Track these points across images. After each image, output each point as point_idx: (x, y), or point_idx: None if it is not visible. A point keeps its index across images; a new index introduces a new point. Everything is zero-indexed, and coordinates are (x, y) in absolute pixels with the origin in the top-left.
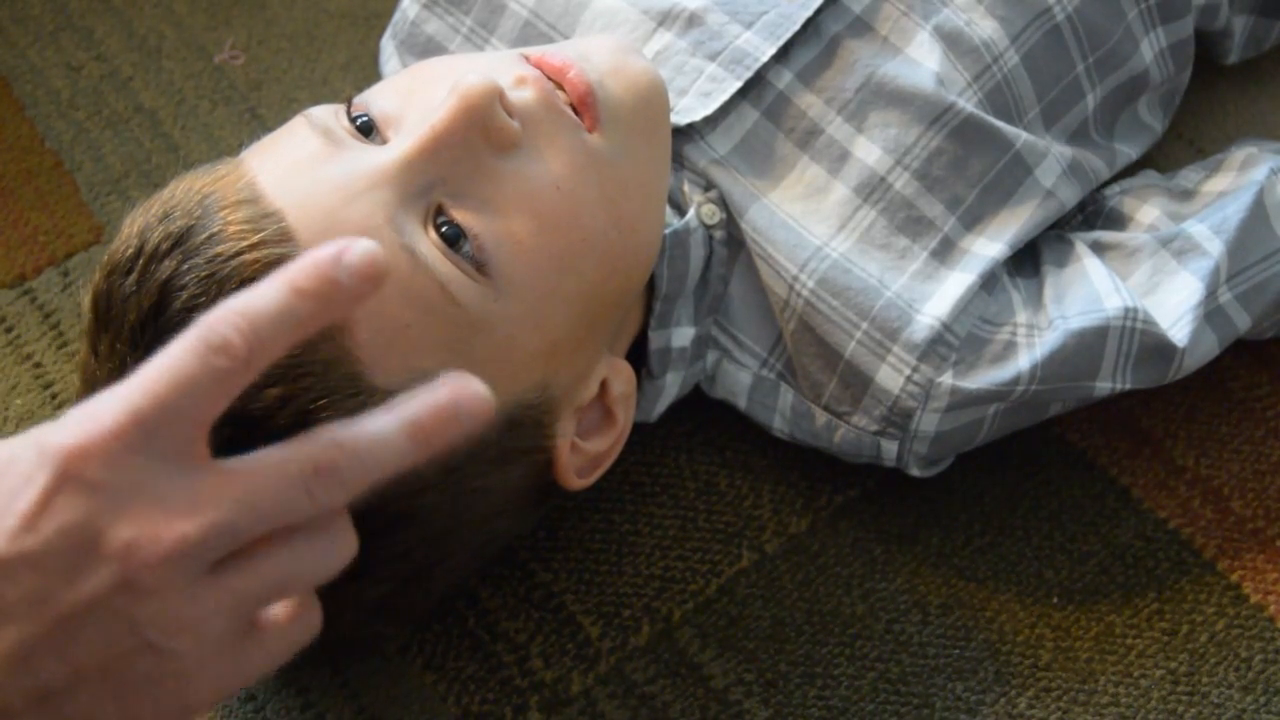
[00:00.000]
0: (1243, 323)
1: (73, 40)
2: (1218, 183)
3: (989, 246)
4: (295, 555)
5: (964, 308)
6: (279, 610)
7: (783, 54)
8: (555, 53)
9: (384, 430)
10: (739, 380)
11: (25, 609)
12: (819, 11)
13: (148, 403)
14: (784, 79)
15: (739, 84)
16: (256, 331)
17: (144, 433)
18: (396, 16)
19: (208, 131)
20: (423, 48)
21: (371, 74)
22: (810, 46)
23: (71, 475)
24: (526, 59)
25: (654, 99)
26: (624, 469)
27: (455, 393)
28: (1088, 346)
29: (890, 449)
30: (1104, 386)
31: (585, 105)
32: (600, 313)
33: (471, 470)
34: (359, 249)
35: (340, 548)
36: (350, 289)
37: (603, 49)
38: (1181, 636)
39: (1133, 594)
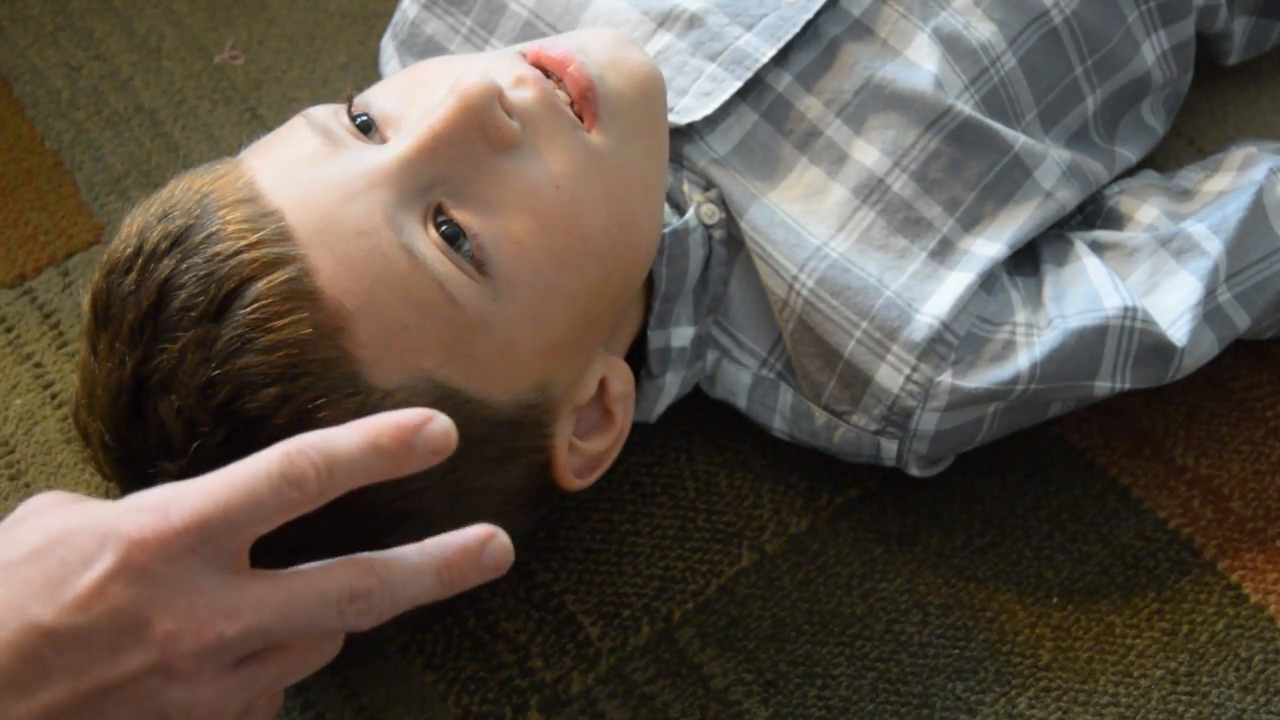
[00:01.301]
0: (1242, 322)
1: (73, 40)
2: (1217, 182)
3: (988, 246)
4: (301, 656)
5: (963, 307)
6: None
7: (782, 57)
8: (554, 45)
9: (417, 566)
10: (739, 380)
11: (64, 677)
12: (819, 14)
13: (216, 511)
14: (783, 81)
15: (739, 84)
16: (332, 474)
17: (204, 537)
18: (396, 17)
19: (208, 131)
20: (423, 48)
21: (371, 74)
22: (810, 49)
23: (131, 564)
24: (524, 55)
25: (653, 91)
26: (624, 469)
27: (483, 539)
28: (1087, 346)
29: (890, 448)
30: (1103, 386)
31: (585, 99)
32: (600, 312)
33: (470, 470)
34: (440, 425)
35: (332, 651)
36: (420, 457)
37: (601, 41)
38: (1181, 636)
39: (1133, 594)
